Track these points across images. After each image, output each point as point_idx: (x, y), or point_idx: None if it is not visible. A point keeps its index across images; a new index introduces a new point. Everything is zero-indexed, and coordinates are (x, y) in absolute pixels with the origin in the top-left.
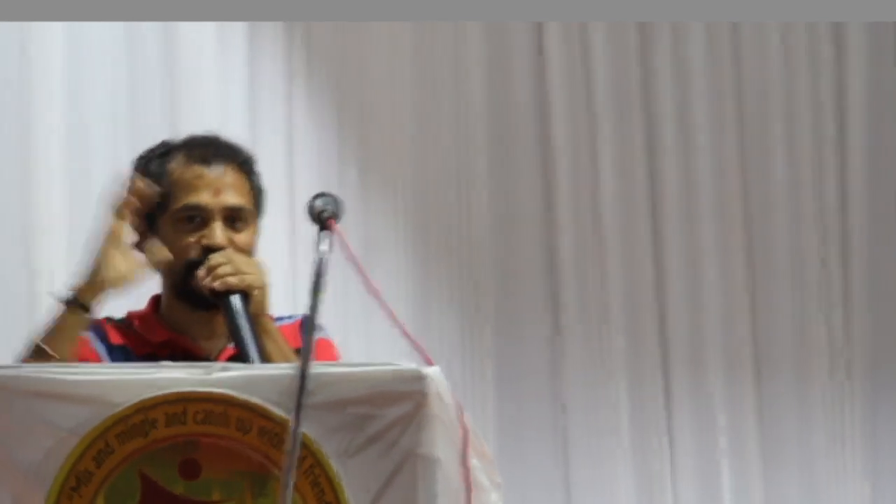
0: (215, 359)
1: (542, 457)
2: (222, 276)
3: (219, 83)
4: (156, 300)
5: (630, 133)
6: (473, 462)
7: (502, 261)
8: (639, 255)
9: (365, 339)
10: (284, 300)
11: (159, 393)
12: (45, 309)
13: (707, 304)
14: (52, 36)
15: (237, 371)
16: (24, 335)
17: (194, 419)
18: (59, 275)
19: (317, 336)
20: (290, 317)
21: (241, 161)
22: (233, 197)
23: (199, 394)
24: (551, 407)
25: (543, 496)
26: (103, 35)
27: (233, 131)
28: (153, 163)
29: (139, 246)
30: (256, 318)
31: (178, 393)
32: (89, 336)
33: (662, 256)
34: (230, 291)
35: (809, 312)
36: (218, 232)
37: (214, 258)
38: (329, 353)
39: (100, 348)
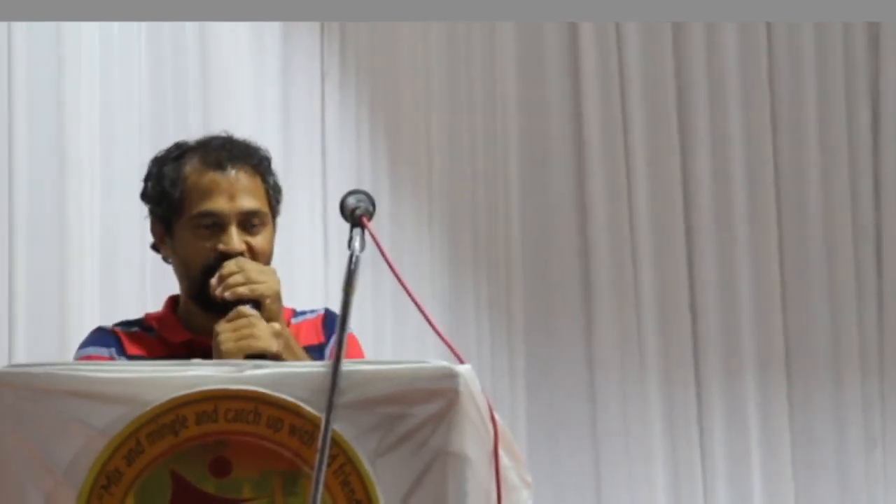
0: None
1: (573, 456)
2: (233, 287)
3: (253, 83)
4: (173, 301)
5: (663, 132)
6: (504, 460)
7: (534, 260)
8: (671, 253)
9: (396, 337)
10: (317, 297)
11: (190, 391)
12: (76, 307)
13: (740, 303)
14: (86, 36)
15: (268, 369)
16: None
17: (225, 417)
18: (91, 277)
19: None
20: (312, 311)
21: (255, 163)
22: (248, 201)
23: (230, 391)
24: (583, 406)
25: (574, 495)
26: (138, 35)
27: (266, 131)
28: (168, 166)
29: (157, 248)
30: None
31: (208, 391)
32: (113, 353)
33: (695, 255)
34: (241, 301)
35: (842, 312)
36: (234, 237)
37: (227, 267)
38: (353, 347)
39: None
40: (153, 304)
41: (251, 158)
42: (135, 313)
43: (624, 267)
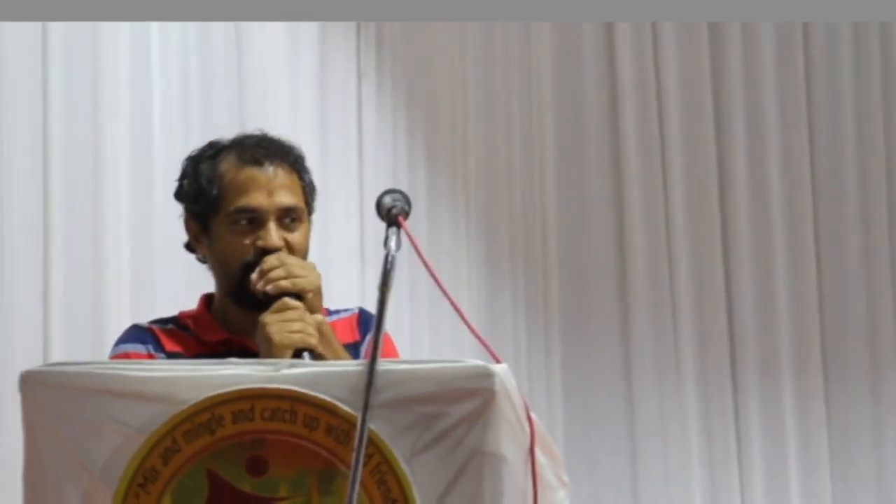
0: None
1: (610, 456)
2: (275, 280)
3: (289, 83)
4: (207, 300)
5: (699, 132)
6: (541, 460)
7: (570, 260)
8: (708, 254)
9: (432, 337)
10: (353, 297)
11: (226, 390)
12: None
13: (776, 302)
14: (121, 36)
15: (305, 368)
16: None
17: (262, 416)
18: (126, 277)
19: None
20: (346, 310)
21: (291, 160)
22: (286, 197)
23: (267, 390)
24: (619, 406)
25: (611, 495)
26: (174, 35)
27: (302, 131)
28: (204, 164)
29: (191, 247)
30: None
31: (245, 390)
32: (150, 349)
33: (731, 255)
34: (283, 294)
35: (879, 312)
36: (273, 233)
37: (268, 262)
38: (389, 347)
39: (161, 359)
40: (189, 304)
41: (287, 155)
42: (170, 313)
43: (660, 267)
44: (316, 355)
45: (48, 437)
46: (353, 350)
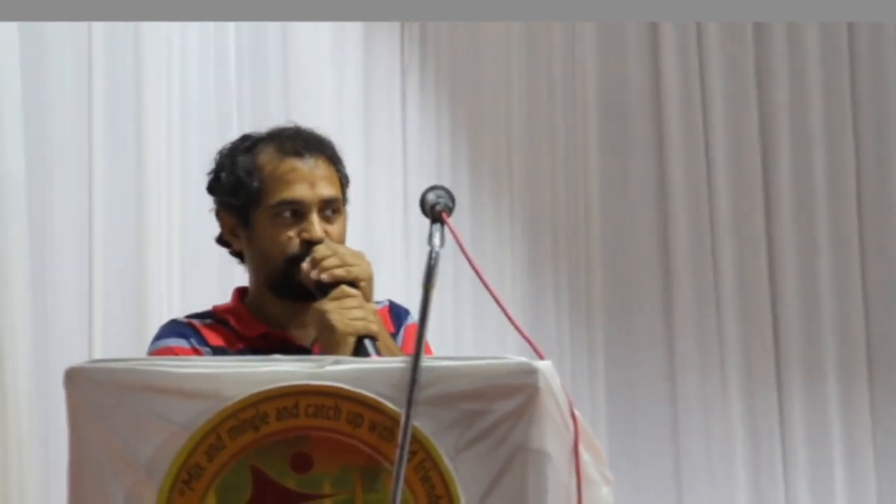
0: (310, 348)
1: (654, 455)
2: (329, 269)
3: (333, 82)
4: (241, 293)
5: (744, 133)
6: (584, 456)
7: (614, 258)
8: (753, 254)
9: (476, 333)
10: (397, 293)
11: (271, 387)
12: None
13: (821, 303)
14: (166, 36)
15: (349, 364)
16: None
17: (306, 413)
18: (170, 274)
19: (408, 321)
20: (377, 303)
21: (329, 152)
22: (327, 189)
23: (311, 387)
24: (663, 405)
25: (655, 494)
26: (218, 35)
27: (347, 129)
28: (241, 156)
29: (223, 241)
30: None
31: (289, 386)
32: (193, 343)
33: (776, 256)
34: (338, 282)
35: None
36: (316, 225)
37: (319, 251)
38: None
39: (207, 353)
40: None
41: (325, 147)
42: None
43: (705, 266)
44: (378, 343)
45: (93, 433)
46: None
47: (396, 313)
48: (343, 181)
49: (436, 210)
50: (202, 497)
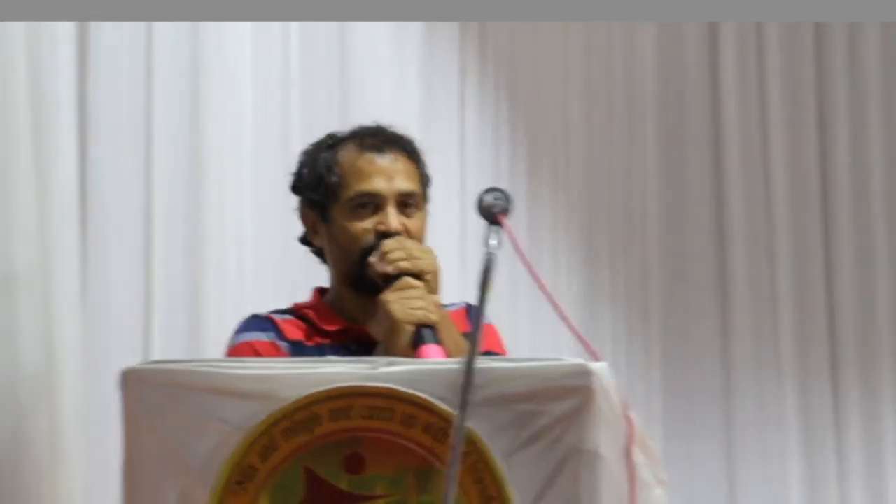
0: None
1: (709, 455)
2: (395, 261)
3: (393, 82)
4: (320, 292)
5: (802, 133)
6: (638, 458)
7: (671, 258)
8: (809, 253)
9: (532, 335)
10: (453, 295)
11: (324, 388)
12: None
13: (877, 302)
14: (226, 36)
15: (402, 366)
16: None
17: (359, 414)
18: (227, 277)
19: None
20: (452, 304)
21: (410, 148)
22: (405, 182)
23: (365, 388)
24: (718, 404)
25: (709, 494)
26: (277, 35)
27: (406, 128)
28: (323, 154)
29: (306, 240)
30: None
31: (343, 388)
32: (273, 337)
33: (833, 254)
34: (403, 274)
35: None
36: (393, 217)
37: (387, 244)
38: (493, 337)
39: (284, 348)
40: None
41: (406, 144)
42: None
43: (761, 266)
44: (437, 333)
45: (148, 433)
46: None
47: (473, 315)
48: (424, 179)
49: (493, 212)
50: (255, 498)
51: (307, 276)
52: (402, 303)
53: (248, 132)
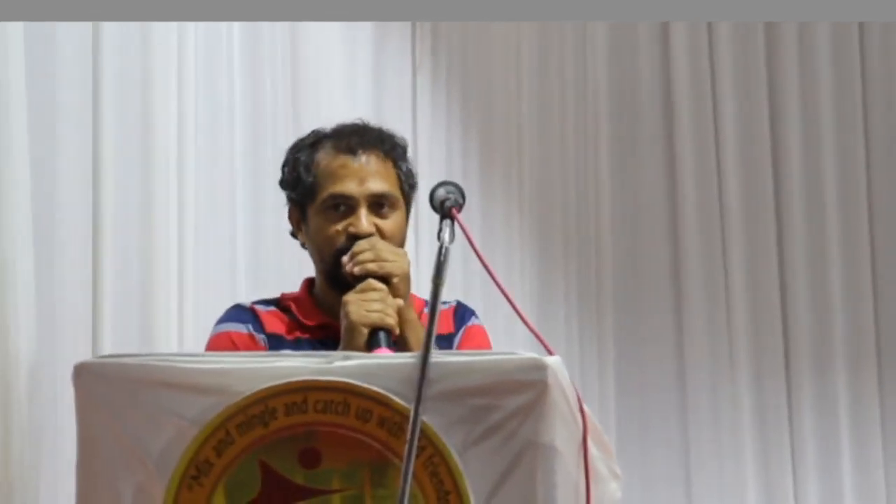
0: None
1: (663, 448)
2: (363, 263)
3: (345, 80)
4: (309, 283)
5: (754, 131)
6: (593, 452)
7: (624, 255)
8: (763, 250)
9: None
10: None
11: (279, 382)
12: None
13: (831, 298)
14: (174, 35)
15: (357, 360)
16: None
17: (314, 408)
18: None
19: (471, 322)
20: (444, 303)
21: (387, 148)
22: (377, 184)
23: (319, 382)
24: (672, 399)
25: (664, 488)
26: (227, 35)
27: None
28: (303, 153)
29: (296, 235)
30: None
31: (297, 382)
32: (250, 329)
33: (786, 252)
34: (369, 276)
35: None
36: (363, 219)
37: (359, 245)
38: (483, 339)
39: (261, 340)
40: (243, 298)
41: (383, 144)
42: (221, 307)
43: (714, 261)
44: (394, 337)
45: (102, 428)
46: (446, 341)
47: (461, 314)
48: (403, 179)
49: (445, 206)
50: (211, 492)
51: (254, 268)
52: (360, 304)
53: (196, 129)
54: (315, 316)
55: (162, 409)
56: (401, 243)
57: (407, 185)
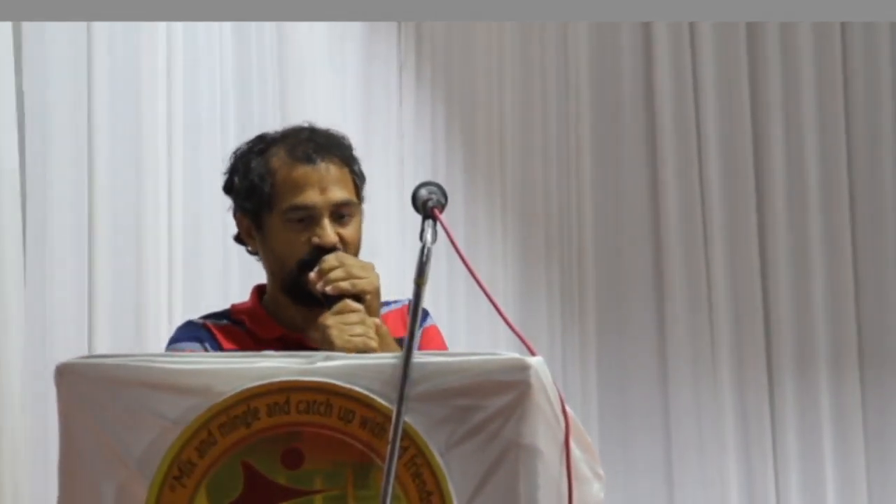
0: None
1: (645, 448)
2: (335, 281)
3: (331, 80)
4: (259, 292)
5: (737, 131)
6: (576, 453)
7: (606, 253)
8: (745, 247)
9: (468, 329)
10: (393, 289)
11: (262, 382)
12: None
13: (813, 294)
14: (166, 35)
15: (340, 360)
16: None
17: (297, 409)
18: (168, 272)
19: (427, 323)
20: (396, 301)
21: (342, 154)
22: (339, 192)
23: (302, 383)
24: (655, 398)
25: (646, 486)
26: (216, 35)
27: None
28: (254, 160)
29: (241, 240)
30: None
31: (280, 382)
32: (207, 347)
33: (768, 249)
34: (343, 296)
35: None
36: (328, 230)
37: (327, 262)
38: (437, 339)
39: None
40: (231, 298)
41: (338, 149)
42: (214, 308)
43: (696, 260)
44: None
45: (84, 428)
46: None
47: None
48: (357, 181)
49: (428, 206)
50: (193, 493)
51: (248, 270)
52: (342, 329)
53: (188, 129)
54: (272, 329)
55: (144, 409)
56: (359, 248)
57: (361, 187)
